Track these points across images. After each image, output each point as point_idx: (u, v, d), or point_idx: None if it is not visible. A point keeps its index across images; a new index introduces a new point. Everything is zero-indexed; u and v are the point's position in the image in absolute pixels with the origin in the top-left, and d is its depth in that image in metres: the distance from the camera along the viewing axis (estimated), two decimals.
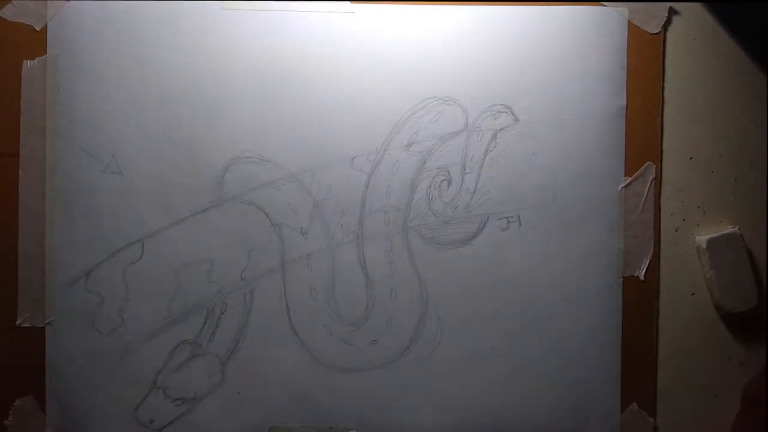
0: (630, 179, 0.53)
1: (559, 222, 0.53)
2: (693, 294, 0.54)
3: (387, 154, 0.52)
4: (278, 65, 0.52)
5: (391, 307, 0.52)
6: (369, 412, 0.52)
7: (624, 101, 0.53)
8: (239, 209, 0.52)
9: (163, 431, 0.52)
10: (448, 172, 0.53)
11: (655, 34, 0.53)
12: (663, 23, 0.53)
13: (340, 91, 0.52)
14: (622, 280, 0.53)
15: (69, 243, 0.52)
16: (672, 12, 0.53)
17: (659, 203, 0.53)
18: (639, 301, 0.53)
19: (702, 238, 0.53)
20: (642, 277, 0.53)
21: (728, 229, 0.53)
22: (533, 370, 0.53)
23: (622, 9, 0.52)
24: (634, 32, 0.53)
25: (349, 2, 0.52)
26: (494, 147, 0.53)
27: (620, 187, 0.53)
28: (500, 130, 0.52)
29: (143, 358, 0.52)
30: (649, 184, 0.53)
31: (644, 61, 0.53)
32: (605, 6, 0.52)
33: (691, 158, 0.54)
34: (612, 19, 0.52)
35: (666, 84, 0.53)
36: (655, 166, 0.53)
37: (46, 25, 0.51)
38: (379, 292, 0.52)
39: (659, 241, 0.53)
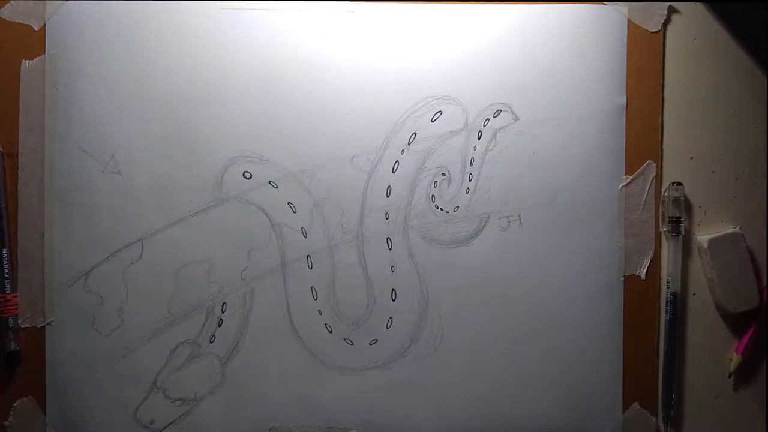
0: (630, 178, 0.53)
1: (560, 221, 0.53)
2: (694, 294, 0.54)
3: (387, 154, 0.52)
4: (277, 64, 0.52)
5: (392, 307, 0.52)
6: (369, 412, 0.52)
7: (624, 99, 0.52)
8: (239, 209, 0.52)
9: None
10: (449, 171, 0.52)
11: (655, 32, 0.53)
12: (663, 22, 0.53)
13: (340, 91, 0.52)
14: (623, 278, 0.53)
15: (68, 243, 0.52)
16: (672, 10, 0.53)
17: (660, 202, 0.53)
18: (640, 299, 0.53)
19: (703, 238, 0.53)
20: (643, 276, 0.53)
21: (729, 229, 0.53)
22: (534, 369, 0.53)
23: (622, 7, 0.52)
24: (633, 31, 0.53)
25: (349, 2, 0.52)
26: (494, 146, 0.52)
27: (621, 186, 0.53)
28: (500, 128, 0.52)
29: (143, 358, 0.52)
30: (649, 182, 0.53)
31: (644, 59, 0.53)
32: (605, 4, 0.52)
33: (691, 158, 0.54)
34: (612, 17, 0.52)
35: (666, 83, 0.53)
36: (655, 164, 0.53)
37: (45, 24, 0.51)
38: (379, 291, 0.52)
39: (660, 241, 0.53)
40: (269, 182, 0.52)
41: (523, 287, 0.53)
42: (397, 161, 0.52)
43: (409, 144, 0.52)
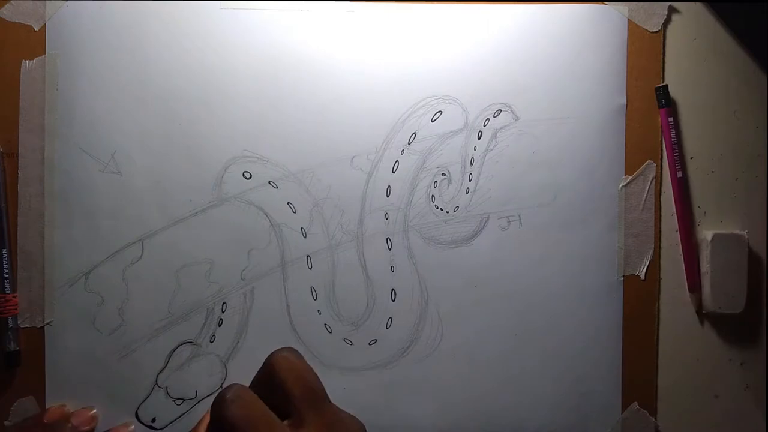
0: (630, 177, 0.53)
1: (560, 221, 0.53)
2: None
3: (387, 154, 0.52)
4: (277, 64, 0.52)
5: (391, 307, 0.52)
6: (369, 412, 0.52)
7: (624, 99, 0.53)
8: (239, 209, 0.52)
9: (165, 430, 0.52)
10: (449, 171, 0.53)
11: (655, 32, 0.53)
12: (663, 21, 0.53)
13: (340, 91, 0.52)
14: (622, 278, 0.53)
15: (68, 243, 0.52)
16: (672, 10, 0.53)
17: (659, 202, 0.53)
18: (640, 299, 0.53)
19: (708, 232, 0.53)
20: (643, 276, 0.53)
21: (736, 231, 0.53)
22: (534, 369, 0.53)
23: (622, 7, 0.52)
24: (633, 30, 0.53)
25: (348, 1, 0.52)
26: (494, 146, 0.53)
27: (620, 186, 0.53)
28: (500, 128, 0.52)
29: (144, 358, 0.52)
30: (649, 182, 0.53)
31: (644, 59, 0.53)
32: (605, 4, 0.52)
33: (691, 158, 0.54)
34: (612, 17, 0.52)
35: (666, 83, 0.53)
36: (655, 164, 0.53)
37: (45, 24, 0.51)
38: (379, 291, 0.52)
39: (660, 241, 0.53)
40: (269, 182, 0.52)
41: (523, 287, 0.53)
42: (397, 161, 0.52)
43: (409, 144, 0.52)
